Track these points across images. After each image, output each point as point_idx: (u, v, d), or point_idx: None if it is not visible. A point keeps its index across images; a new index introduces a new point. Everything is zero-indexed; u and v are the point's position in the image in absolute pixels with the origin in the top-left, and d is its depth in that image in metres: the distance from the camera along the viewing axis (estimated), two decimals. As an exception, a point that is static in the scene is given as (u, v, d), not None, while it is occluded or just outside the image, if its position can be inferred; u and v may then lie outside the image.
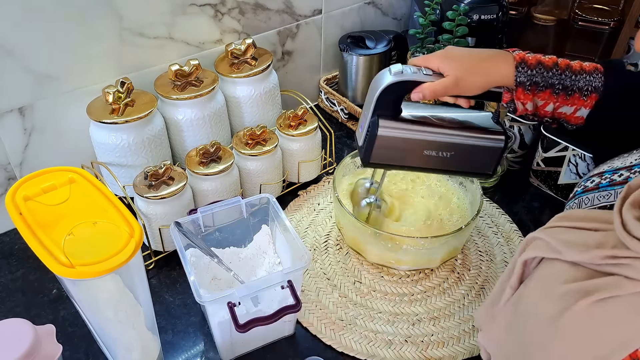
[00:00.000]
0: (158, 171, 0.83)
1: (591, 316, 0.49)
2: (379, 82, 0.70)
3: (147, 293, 0.68)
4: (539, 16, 1.29)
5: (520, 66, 0.68)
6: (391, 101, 0.71)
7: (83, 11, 0.83)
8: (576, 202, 0.67)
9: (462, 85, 0.69)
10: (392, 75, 0.69)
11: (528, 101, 0.70)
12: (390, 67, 0.70)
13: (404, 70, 0.69)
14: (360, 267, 0.90)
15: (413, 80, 0.69)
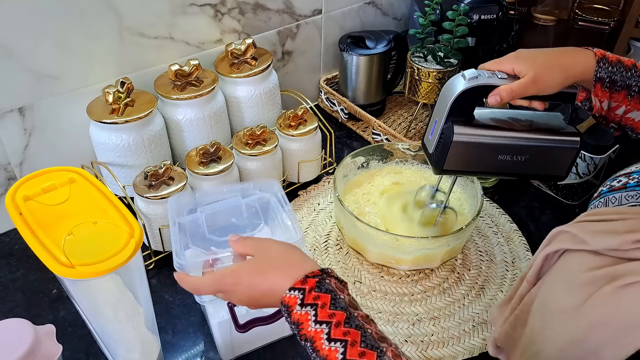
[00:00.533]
0: (158, 171, 0.83)
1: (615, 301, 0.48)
2: (452, 88, 0.70)
3: (147, 293, 0.68)
4: (539, 16, 1.29)
5: (602, 61, 0.67)
6: (465, 107, 0.70)
7: (83, 11, 0.83)
8: (602, 200, 0.66)
9: (540, 83, 0.67)
10: (466, 81, 0.68)
11: (605, 99, 0.68)
12: (464, 72, 0.69)
13: (479, 75, 0.68)
14: (360, 267, 0.90)
15: (488, 85, 0.68)
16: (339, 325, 0.48)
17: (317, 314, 0.49)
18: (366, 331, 0.48)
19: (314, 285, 0.51)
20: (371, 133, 1.15)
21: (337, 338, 0.48)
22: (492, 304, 0.84)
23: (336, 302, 0.50)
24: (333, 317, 0.49)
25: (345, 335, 0.47)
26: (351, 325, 0.48)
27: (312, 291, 0.50)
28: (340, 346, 0.47)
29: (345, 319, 0.48)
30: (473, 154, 0.72)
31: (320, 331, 0.48)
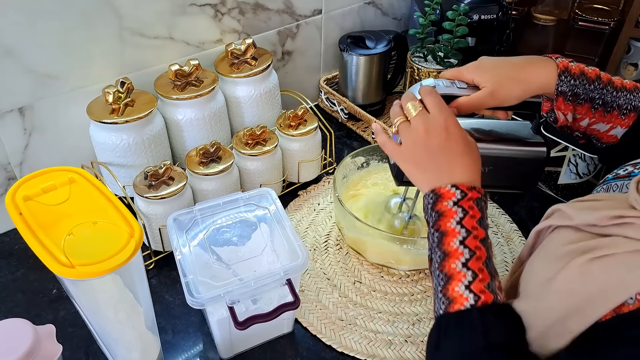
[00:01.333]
0: (158, 171, 0.83)
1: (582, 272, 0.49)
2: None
3: (147, 293, 0.68)
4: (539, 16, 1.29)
5: (564, 74, 0.64)
6: None
7: (83, 11, 0.83)
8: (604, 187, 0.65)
9: (499, 96, 0.65)
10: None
11: (568, 112, 0.66)
12: (422, 81, 0.68)
13: (437, 85, 0.66)
14: (360, 267, 0.90)
15: (446, 95, 0.66)
16: (476, 238, 0.53)
17: (464, 218, 0.54)
18: (491, 257, 0.54)
19: (474, 197, 0.55)
20: (371, 133, 1.15)
21: (468, 246, 0.53)
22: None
23: (482, 222, 0.55)
24: (475, 230, 0.54)
25: (476, 249, 0.53)
26: (483, 245, 0.53)
27: (471, 201, 0.55)
28: (468, 253, 0.52)
29: (482, 238, 0.54)
30: None
31: (457, 232, 0.53)
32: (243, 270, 0.74)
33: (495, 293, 0.51)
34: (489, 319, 0.50)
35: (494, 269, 0.54)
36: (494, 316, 0.50)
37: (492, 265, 0.53)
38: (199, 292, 0.66)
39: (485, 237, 0.54)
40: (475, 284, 0.51)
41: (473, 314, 0.50)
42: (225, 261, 0.75)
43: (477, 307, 0.50)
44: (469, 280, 0.51)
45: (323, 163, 1.08)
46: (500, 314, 0.51)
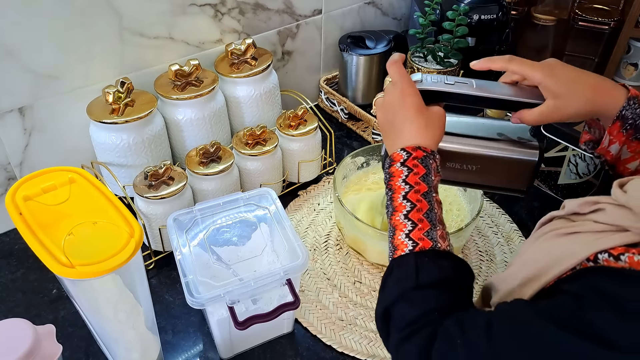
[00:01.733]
0: (158, 171, 0.83)
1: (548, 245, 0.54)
2: None
3: (147, 293, 0.68)
4: (539, 16, 1.29)
5: (633, 100, 0.60)
6: None
7: (83, 11, 0.83)
8: None
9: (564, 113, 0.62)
10: None
11: (617, 141, 0.62)
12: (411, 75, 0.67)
13: (423, 79, 0.66)
14: (360, 267, 0.90)
15: (434, 90, 0.65)
16: (417, 192, 0.58)
17: (408, 176, 0.59)
18: (433, 209, 0.58)
19: (419, 156, 0.59)
20: (371, 133, 1.15)
21: (410, 199, 0.58)
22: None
23: (427, 177, 0.59)
24: (417, 185, 0.58)
25: (417, 202, 0.58)
26: (425, 198, 0.58)
27: (415, 160, 0.59)
28: (409, 206, 0.58)
29: (425, 192, 0.58)
30: None
31: (402, 189, 0.59)
32: (243, 270, 0.74)
33: (435, 240, 0.56)
34: (422, 261, 0.55)
35: (438, 220, 0.58)
36: (428, 259, 0.55)
37: (434, 216, 0.57)
38: (199, 292, 0.66)
39: (428, 191, 0.58)
40: (414, 233, 0.56)
41: (409, 257, 0.55)
42: (225, 261, 0.75)
43: (414, 252, 0.55)
44: (409, 230, 0.57)
45: (323, 163, 1.08)
46: (435, 257, 0.55)
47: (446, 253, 0.56)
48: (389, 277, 0.56)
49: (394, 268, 0.56)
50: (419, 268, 0.54)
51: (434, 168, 0.60)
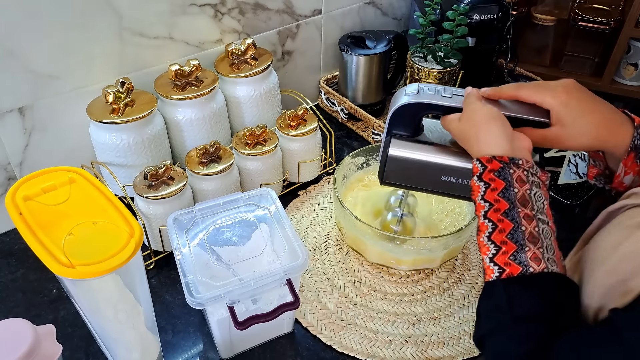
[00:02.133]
0: (158, 171, 0.83)
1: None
2: (394, 102, 0.68)
3: (147, 293, 0.68)
4: (539, 16, 1.29)
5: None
6: (407, 121, 0.68)
7: (83, 11, 0.83)
8: None
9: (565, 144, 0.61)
10: (405, 96, 0.66)
11: (631, 172, 0.60)
12: (408, 85, 0.67)
13: (421, 92, 0.65)
14: (360, 267, 0.90)
15: (428, 103, 0.65)
16: (497, 211, 0.54)
17: (486, 192, 0.55)
18: (519, 227, 0.53)
19: (495, 169, 0.56)
20: (371, 133, 1.15)
21: (491, 219, 0.54)
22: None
23: (507, 192, 0.55)
24: (497, 203, 0.55)
25: (499, 221, 0.54)
26: (507, 216, 0.54)
27: (491, 173, 0.56)
28: (491, 226, 0.54)
29: (506, 209, 0.54)
30: (412, 171, 0.70)
31: (482, 206, 0.56)
32: (243, 270, 0.74)
33: (524, 264, 0.51)
34: (514, 291, 0.51)
35: (529, 238, 0.53)
36: (519, 287, 0.51)
37: (520, 235, 0.53)
38: (199, 292, 0.66)
39: (510, 208, 0.54)
40: (498, 257, 0.53)
41: (498, 286, 0.52)
42: (225, 261, 0.75)
43: (501, 280, 0.51)
44: (492, 253, 0.53)
45: (323, 163, 1.08)
46: (526, 285, 0.51)
47: (538, 276, 0.51)
48: (481, 303, 0.54)
49: (485, 295, 0.54)
50: (511, 298, 0.51)
51: (517, 178, 0.55)
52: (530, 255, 0.52)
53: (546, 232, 0.54)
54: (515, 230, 0.53)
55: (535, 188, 0.56)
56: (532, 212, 0.54)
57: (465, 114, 0.62)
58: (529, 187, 0.55)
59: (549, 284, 0.51)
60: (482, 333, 0.53)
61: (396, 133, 0.70)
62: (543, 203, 0.56)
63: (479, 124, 0.60)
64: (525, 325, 0.49)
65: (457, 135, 0.64)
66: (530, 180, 0.56)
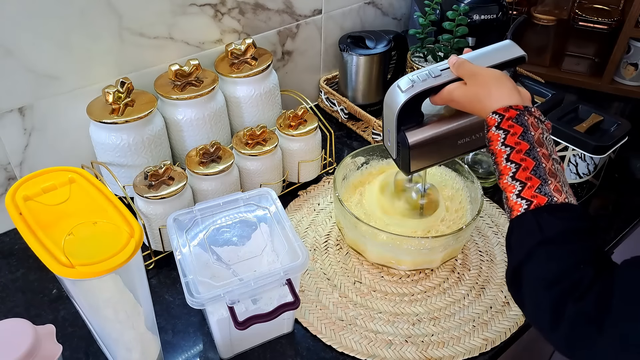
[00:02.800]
0: (158, 171, 0.83)
1: None
2: (393, 102, 0.71)
3: (147, 293, 0.68)
4: (539, 16, 1.29)
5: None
6: (411, 112, 0.72)
7: (83, 11, 0.83)
8: None
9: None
10: (403, 92, 0.69)
11: None
12: (398, 82, 0.70)
13: (414, 83, 0.69)
14: (360, 267, 0.90)
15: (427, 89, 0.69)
16: (519, 152, 0.59)
17: (506, 138, 0.60)
18: (540, 164, 0.58)
19: (513, 116, 0.61)
20: (371, 133, 1.15)
21: (513, 160, 0.59)
22: (493, 304, 0.84)
23: (525, 135, 0.60)
24: (517, 145, 0.59)
25: (522, 161, 0.59)
26: (529, 155, 0.59)
27: (510, 120, 0.61)
28: (514, 167, 0.59)
29: (527, 149, 0.59)
30: (434, 149, 0.74)
31: (503, 151, 0.60)
32: (243, 270, 0.74)
33: (549, 195, 0.56)
34: (542, 217, 0.55)
35: (549, 173, 0.58)
36: (547, 214, 0.55)
37: (542, 171, 0.58)
38: (199, 292, 0.66)
39: (530, 148, 0.59)
40: (525, 192, 0.57)
41: (527, 216, 0.56)
42: (225, 261, 0.75)
43: (531, 210, 0.56)
44: (519, 190, 0.58)
45: (323, 163, 1.08)
46: (554, 211, 0.56)
47: (564, 205, 0.56)
48: (511, 237, 0.58)
49: (514, 228, 0.58)
50: (541, 224, 0.55)
51: (531, 123, 0.60)
52: (553, 188, 0.57)
53: (560, 170, 0.60)
54: (537, 167, 0.58)
55: (545, 133, 0.61)
56: (547, 152, 0.60)
57: (472, 79, 0.67)
58: (542, 132, 0.61)
59: (573, 212, 0.56)
60: (515, 264, 0.56)
61: (405, 128, 0.73)
62: (553, 146, 0.62)
63: (489, 83, 0.65)
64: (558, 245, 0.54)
65: (463, 100, 0.67)
66: (541, 126, 0.61)
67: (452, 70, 0.69)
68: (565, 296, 0.51)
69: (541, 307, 0.53)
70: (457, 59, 0.69)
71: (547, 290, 0.53)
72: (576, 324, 0.50)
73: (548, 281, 0.53)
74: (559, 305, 0.51)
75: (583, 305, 0.50)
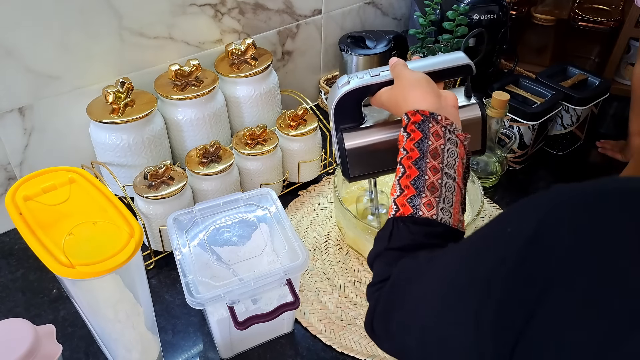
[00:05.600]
0: (158, 171, 0.83)
1: None
2: (330, 99, 0.70)
3: (147, 293, 0.68)
4: (539, 16, 1.29)
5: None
6: (350, 112, 0.70)
7: (83, 11, 0.84)
8: None
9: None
10: (339, 89, 0.69)
11: None
12: (338, 80, 0.70)
13: (350, 80, 0.68)
14: (360, 267, 0.90)
15: (363, 86, 0.68)
16: (410, 159, 0.60)
17: (406, 141, 0.61)
18: (423, 175, 0.58)
19: (417, 121, 0.61)
20: (371, 133, 1.15)
21: (403, 165, 0.60)
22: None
23: (421, 143, 0.60)
24: (411, 151, 0.60)
25: (408, 168, 0.59)
26: (415, 164, 0.59)
27: (413, 124, 0.61)
28: (402, 171, 0.60)
29: (416, 158, 0.59)
30: (373, 156, 0.71)
31: (401, 153, 0.61)
32: (243, 270, 0.74)
33: (416, 207, 0.57)
34: (397, 226, 0.57)
35: (430, 186, 0.58)
36: (403, 224, 0.57)
37: (422, 183, 0.58)
38: (199, 292, 0.66)
39: (420, 157, 0.59)
40: (399, 198, 0.59)
41: (389, 221, 0.58)
42: (225, 261, 0.75)
43: (395, 217, 0.58)
44: (397, 195, 0.59)
45: (323, 163, 1.08)
46: (409, 223, 0.57)
47: (424, 220, 0.56)
48: (377, 234, 0.60)
49: (381, 228, 0.60)
50: (393, 232, 0.57)
51: (434, 132, 0.60)
52: (425, 202, 0.57)
53: (449, 186, 0.59)
54: (418, 177, 0.58)
55: (450, 144, 0.60)
56: (440, 165, 0.59)
57: (397, 80, 0.67)
58: (444, 143, 0.60)
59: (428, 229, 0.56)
60: (370, 258, 0.59)
61: (344, 127, 0.71)
62: (455, 160, 0.60)
63: (406, 87, 0.65)
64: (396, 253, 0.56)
65: (387, 103, 0.68)
66: (447, 137, 0.60)
67: (390, 70, 0.69)
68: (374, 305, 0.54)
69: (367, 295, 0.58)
70: (395, 61, 0.69)
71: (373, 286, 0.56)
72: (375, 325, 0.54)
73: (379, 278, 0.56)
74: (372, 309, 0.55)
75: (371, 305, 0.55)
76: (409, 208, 0.57)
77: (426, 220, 0.56)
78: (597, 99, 1.09)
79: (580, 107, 1.06)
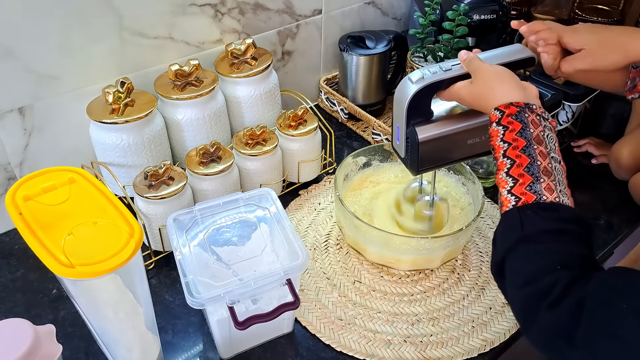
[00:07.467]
0: (158, 171, 0.83)
1: None
2: (403, 94, 0.71)
3: (147, 293, 0.68)
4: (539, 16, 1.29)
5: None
6: (421, 106, 0.72)
7: (83, 11, 0.84)
8: None
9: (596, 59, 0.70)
10: (414, 84, 0.70)
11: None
12: (409, 75, 0.71)
13: (424, 75, 0.70)
14: (360, 266, 0.90)
15: (436, 82, 0.70)
16: (516, 149, 0.60)
17: (505, 134, 0.61)
18: (535, 161, 0.59)
19: (513, 112, 0.62)
20: (371, 133, 1.15)
21: (509, 156, 0.60)
22: (492, 305, 0.84)
23: (524, 132, 0.60)
24: (515, 142, 0.60)
25: (517, 157, 0.60)
26: (525, 152, 0.59)
27: (509, 117, 0.62)
28: (509, 163, 0.60)
29: (524, 146, 0.60)
30: (443, 148, 0.74)
31: (501, 147, 0.61)
32: (243, 270, 0.74)
33: (538, 193, 0.57)
34: (526, 215, 0.56)
35: (544, 172, 0.58)
36: (532, 212, 0.56)
37: (536, 169, 0.58)
38: (199, 292, 0.66)
39: (527, 145, 0.60)
40: (515, 188, 0.58)
41: (513, 212, 0.58)
42: (225, 261, 0.75)
43: (517, 207, 0.57)
44: (510, 186, 0.59)
45: (323, 163, 1.08)
46: (539, 210, 0.56)
47: (552, 205, 0.56)
48: (497, 232, 0.59)
49: (501, 223, 0.59)
50: (523, 221, 0.56)
51: (531, 120, 0.61)
52: (545, 186, 0.57)
53: (558, 169, 0.60)
54: (531, 164, 0.59)
55: (547, 130, 0.62)
56: (546, 150, 0.60)
57: (476, 75, 0.68)
58: (542, 129, 0.61)
59: (560, 213, 0.56)
60: (498, 259, 0.57)
61: (414, 122, 0.73)
62: (554, 144, 0.62)
63: (492, 81, 0.66)
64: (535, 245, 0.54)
65: (469, 98, 0.69)
66: (543, 124, 0.62)
67: (463, 65, 0.70)
68: (536, 298, 0.52)
69: (515, 305, 0.56)
70: (467, 55, 0.70)
71: (521, 289, 0.54)
72: (547, 332, 0.51)
73: (522, 279, 0.54)
74: (531, 306, 0.52)
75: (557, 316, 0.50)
76: (531, 195, 0.57)
77: (552, 205, 0.56)
78: (591, 94, 1.09)
79: (575, 103, 1.07)
